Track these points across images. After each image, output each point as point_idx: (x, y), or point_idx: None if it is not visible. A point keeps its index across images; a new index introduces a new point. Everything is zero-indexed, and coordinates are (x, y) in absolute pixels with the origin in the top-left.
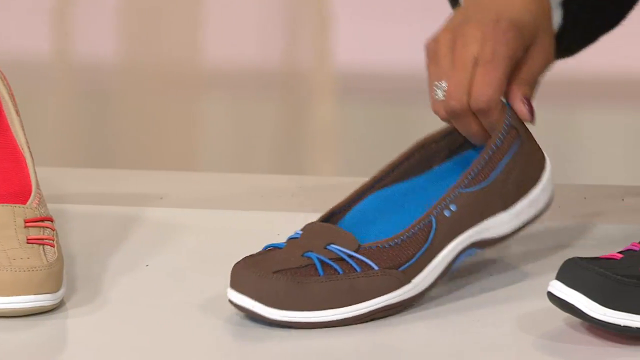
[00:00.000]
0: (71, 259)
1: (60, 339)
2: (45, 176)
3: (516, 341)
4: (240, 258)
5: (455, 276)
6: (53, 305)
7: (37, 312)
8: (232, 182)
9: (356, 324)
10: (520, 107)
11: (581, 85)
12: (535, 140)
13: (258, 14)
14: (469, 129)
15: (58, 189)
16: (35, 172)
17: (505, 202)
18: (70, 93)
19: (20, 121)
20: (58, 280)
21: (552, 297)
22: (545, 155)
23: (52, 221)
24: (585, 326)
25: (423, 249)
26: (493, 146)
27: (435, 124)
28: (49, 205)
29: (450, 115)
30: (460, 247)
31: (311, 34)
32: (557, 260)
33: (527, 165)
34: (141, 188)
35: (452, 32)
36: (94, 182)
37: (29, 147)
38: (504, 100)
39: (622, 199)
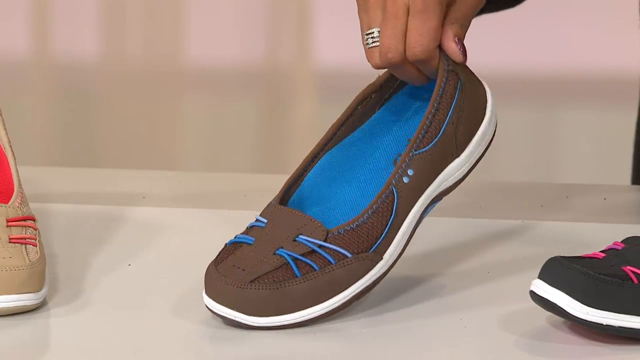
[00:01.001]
0: (53, 258)
1: (43, 338)
2: (28, 175)
3: (499, 341)
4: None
5: (438, 276)
6: (35, 304)
7: (19, 311)
8: (215, 181)
9: (336, 313)
10: (452, 47)
11: (562, 84)
12: (473, 74)
13: (239, 13)
14: (408, 76)
15: (40, 188)
16: (17, 172)
17: (457, 147)
18: (51, 92)
19: (2, 120)
20: (40, 280)
21: (534, 296)
22: (485, 84)
23: (34, 220)
24: (568, 325)
25: (389, 223)
26: (437, 98)
27: None
28: (31, 205)
29: (387, 66)
30: (422, 208)
31: (292, 32)
32: (540, 259)
33: (473, 105)
34: (123, 187)
35: None
36: (76, 181)
37: (10, 146)
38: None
39: (604, 198)
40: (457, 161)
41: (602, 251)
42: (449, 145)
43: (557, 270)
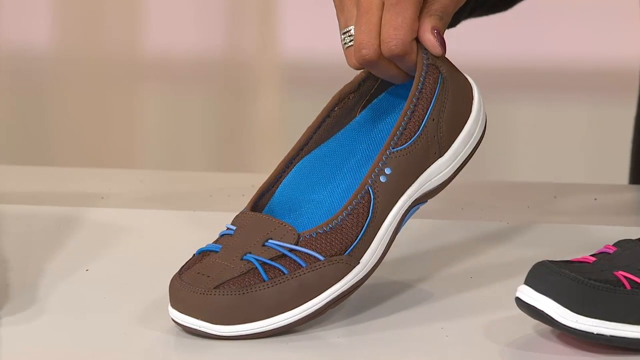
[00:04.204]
0: (4, 263)
1: None
2: None
3: (483, 351)
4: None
5: (418, 282)
6: None
7: None
8: (179, 180)
9: (310, 321)
10: (430, 39)
11: (553, 81)
12: (457, 69)
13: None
14: (387, 73)
15: None
16: None
17: (440, 146)
18: (1, 85)
19: None
20: None
21: (520, 303)
22: (471, 80)
23: None
24: (556, 334)
25: (366, 224)
26: (416, 93)
27: None
28: None
29: (363, 64)
30: (403, 210)
31: (254, 19)
32: (526, 263)
33: (455, 100)
34: (80, 187)
35: None
36: (28, 180)
37: None
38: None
39: (595, 199)
40: (440, 161)
41: (592, 255)
42: (430, 143)
43: (545, 276)
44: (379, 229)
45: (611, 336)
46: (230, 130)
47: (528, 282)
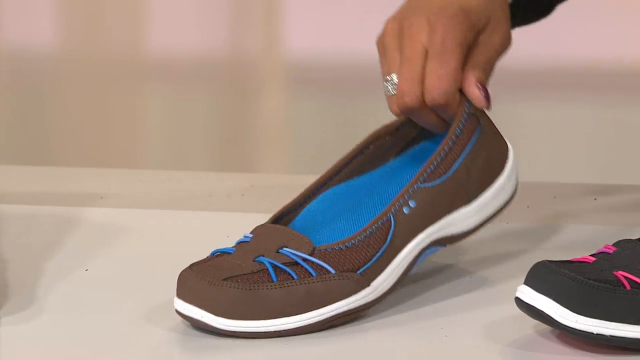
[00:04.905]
0: (4, 263)
1: None
2: None
3: (483, 351)
4: (187, 262)
5: (418, 280)
6: None
7: None
8: (179, 180)
9: (312, 332)
10: (475, 93)
11: (552, 81)
12: (496, 128)
13: None
14: (427, 121)
15: None
16: None
17: (468, 195)
18: (2, 85)
19: None
20: None
21: (520, 303)
22: (508, 142)
23: None
24: (556, 334)
25: (382, 250)
26: (453, 137)
27: (391, 117)
28: None
29: (405, 111)
30: (421, 246)
31: (259, 18)
32: (526, 263)
33: (490, 154)
34: (80, 187)
35: (398, 23)
36: (29, 180)
37: None
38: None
39: (595, 198)
40: (466, 209)
41: (592, 255)
42: (458, 188)
43: (544, 276)
44: (395, 257)
45: (611, 336)
46: (234, 131)
47: (528, 282)
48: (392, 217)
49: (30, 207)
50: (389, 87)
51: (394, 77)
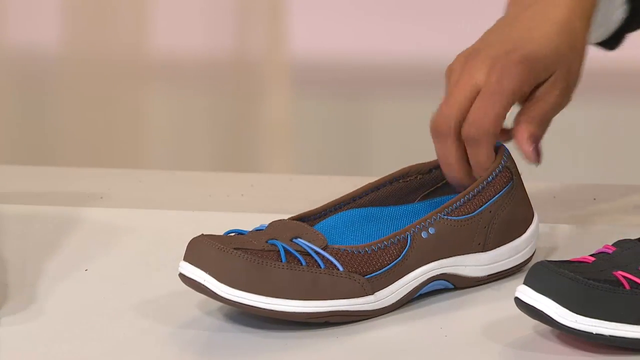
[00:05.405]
0: (3, 263)
1: None
2: None
3: (483, 351)
4: None
5: None
6: None
7: None
8: (178, 180)
9: (307, 322)
10: (526, 148)
11: None
12: (526, 192)
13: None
14: (448, 155)
15: None
16: None
17: (486, 242)
18: (5, 84)
19: None
20: None
21: (520, 303)
22: (535, 211)
23: None
24: (556, 334)
25: (393, 263)
26: (484, 181)
27: (396, 118)
28: None
29: (433, 132)
30: (431, 274)
31: (263, 19)
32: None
33: (514, 212)
34: (80, 187)
35: (465, 58)
36: (29, 180)
37: None
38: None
39: (594, 198)
40: (481, 256)
41: (591, 255)
42: (478, 231)
43: (544, 276)
44: (404, 275)
45: (610, 336)
46: (238, 131)
47: (527, 282)
48: (409, 237)
49: (30, 207)
50: None
51: None
